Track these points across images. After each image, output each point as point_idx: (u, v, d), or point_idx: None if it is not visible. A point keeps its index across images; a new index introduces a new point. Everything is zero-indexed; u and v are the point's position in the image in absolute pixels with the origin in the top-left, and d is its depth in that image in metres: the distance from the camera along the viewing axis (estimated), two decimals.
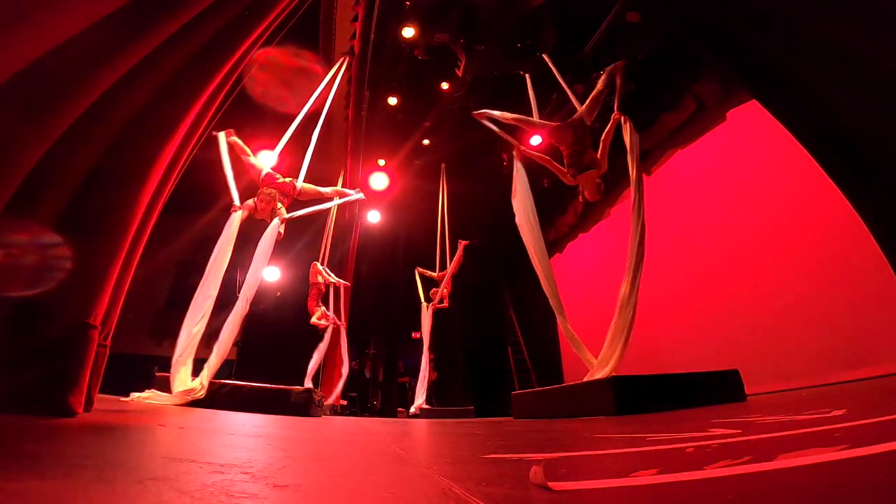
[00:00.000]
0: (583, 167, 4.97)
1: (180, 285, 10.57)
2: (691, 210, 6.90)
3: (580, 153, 5.03)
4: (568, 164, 5.08)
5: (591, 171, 4.95)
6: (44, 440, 1.32)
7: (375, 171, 10.67)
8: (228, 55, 2.66)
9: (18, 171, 1.66)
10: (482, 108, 6.06)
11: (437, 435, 3.14)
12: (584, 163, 4.98)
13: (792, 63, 2.91)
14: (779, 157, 5.26)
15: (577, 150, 5.05)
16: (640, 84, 7.34)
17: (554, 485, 0.93)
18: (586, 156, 5.01)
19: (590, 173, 4.95)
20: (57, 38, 1.57)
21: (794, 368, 4.73)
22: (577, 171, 5.00)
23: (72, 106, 1.79)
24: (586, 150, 5.06)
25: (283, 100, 7.33)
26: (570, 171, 5.04)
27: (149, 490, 0.83)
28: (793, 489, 0.87)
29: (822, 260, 4.73)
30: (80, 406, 1.90)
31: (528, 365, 10.74)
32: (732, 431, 1.70)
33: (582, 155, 5.02)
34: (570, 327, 4.81)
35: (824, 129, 2.96)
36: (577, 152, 5.04)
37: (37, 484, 0.81)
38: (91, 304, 1.98)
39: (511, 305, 11.69)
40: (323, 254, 8.61)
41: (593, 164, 4.97)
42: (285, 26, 3.68)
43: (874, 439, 1.13)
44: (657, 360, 6.37)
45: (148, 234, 2.46)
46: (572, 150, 5.07)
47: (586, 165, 4.96)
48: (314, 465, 1.44)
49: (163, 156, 2.31)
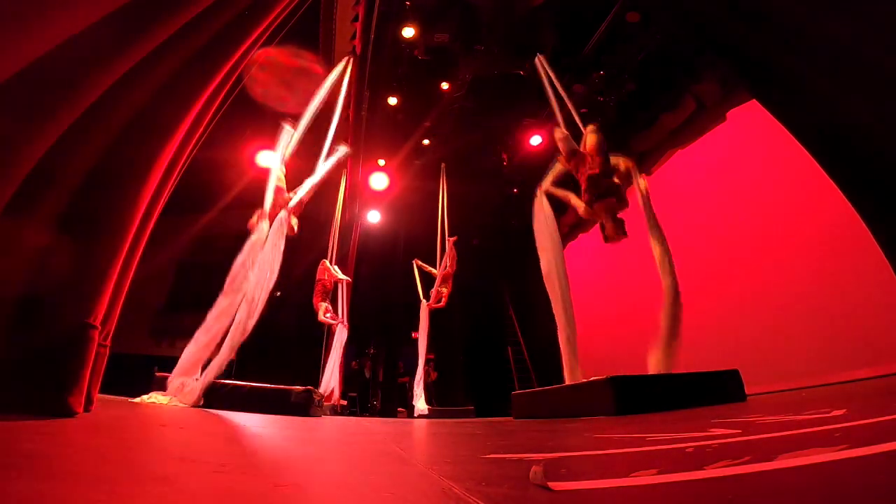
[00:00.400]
0: (601, 193, 4.72)
1: (180, 285, 10.60)
2: (691, 210, 6.90)
3: (599, 178, 4.76)
4: (585, 190, 4.82)
5: (612, 198, 4.70)
6: (44, 440, 1.32)
7: (375, 171, 10.67)
8: (228, 55, 2.65)
9: (18, 171, 1.66)
10: (482, 107, 6.01)
11: (437, 435, 3.14)
12: (602, 188, 4.72)
13: (792, 63, 2.91)
14: (779, 157, 5.26)
15: (596, 174, 4.78)
16: (640, 84, 7.34)
17: (554, 485, 0.93)
18: (605, 181, 4.75)
19: (609, 201, 4.69)
20: (57, 38, 1.57)
21: (794, 368, 4.73)
22: (596, 198, 4.73)
23: (72, 106, 1.79)
24: (607, 175, 4.81)
25: (283, 100, 7.33)
26: (588, 197, 4.78)
27: (149, 490, 0.83)
28: (793, 489, 0.87)
29: (822, 260, 4.74)
30: (80, 406, 1.89)
31: (528, 365, 10.74)
32: (732, 431, 1.70)
33: (601, 179, 4.75)
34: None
35: (824, 128, 2.96)
36: (596, 176, 4.77)
37: (37, 484, 0.81)
38: (91, 304, 1.98)
39: (511, 305, 11.69)
40: (331, 252, 8.58)
41: (613, 191, 4.73)
42: (285, 26, 3.67)
43: (874, 439, 1.13)
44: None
45: (148, 234, 2.46)
46: (591, 173, 4.81)
47: (605, 191, 4.71)
48: (314, 465, 1.44)
49: (163, 156, 2.31)
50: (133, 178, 2.19)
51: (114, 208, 2.12)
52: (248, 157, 9.05)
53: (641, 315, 7.52)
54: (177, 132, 2.37)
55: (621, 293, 8.30)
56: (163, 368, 5.44)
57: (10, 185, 1.64)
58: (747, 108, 5.78)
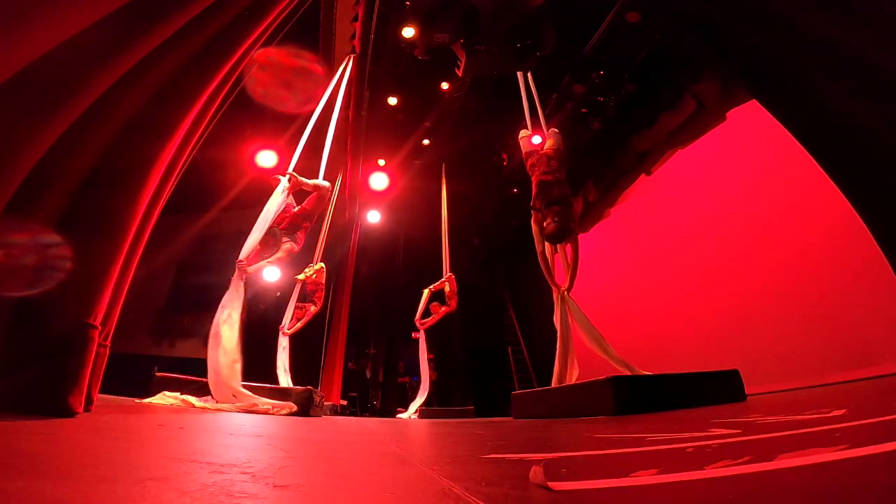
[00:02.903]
0: (549, 202, 4.65)
1: (180, 285, 10.60)
2: (691, 210, 6.91)
3: (550, 185, 4.68)
4: (535, 195, 4.75)
5: (556, 207, 4.58)
6: (44, 440, 1.32)
7: (375, 171, 10.67)
8: (228, 55, 2.65)
9: (18, 171, 1.66)
10: (482, 107, 6.02)
11: (437, 435, 3.14)
12: (551, 196, 4.65)
13: (792, 62, 2.91)
14: (779, 157, 5.25)
15: (548, 181, 4.70)
16: (640, 84, 7.34)
17: (554, 485, 0.93)
18: (556, 190, 4.67)
19: (554, 208, 4.59)
20: (57, 38, 1.57)
21: (794, 368, 4.73)
22: (543, 205, 4.65)
23: (72, 106, 1.79)
24: (560, 184, 4.70)
25: (283, 100, 7.34)
26: (535, 202, 4.71)
27: (149, 490, 0.83)
28: (793, 489, 0.87)
29: (822, 260, 4.73)
30: (80, 406, 1.89)
31: (528, 365, 10.75)
32: (732, 431, 1.70)
33: (552, 187, 4.67)
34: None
35: (824, 128, 2.96)
36: (548, 183, 4.70)
37: (37, 484, 0.81)
38: (91, 304, 1.98)
39: (511, 305, 11.69)
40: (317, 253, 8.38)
41: (560, 201, 4.62)
42: (285, 26, 3.68)
43: (874, 439, 1.13)
44: (657, 360, 6.36)
45: (148, 234, 2.46)
46: (543, 179, 4.73)
47: (552, 200, 4.63)
48: (314, 465, 1.44)
49: (163, 156, 2.31)
50: (133, 178, 2.19)
51: (114, 208, 2.12)
52: (248, 157, 9.05)
53: (641, 315, 7.53)
54: (177, 132, 2.37)
55: (620, 294, 8.30)
56: (163, 368, 5.45)
57: (10, 185, 1.64)
58: (747, 108, 5.78)
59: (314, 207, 5.48)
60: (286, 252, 5.08)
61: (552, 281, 4.86)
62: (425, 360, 8.33)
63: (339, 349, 9.14)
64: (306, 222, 5.38)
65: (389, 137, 10.02)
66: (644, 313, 7.48)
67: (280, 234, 5.09)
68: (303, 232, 5.32)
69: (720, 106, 6.40)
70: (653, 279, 7.46)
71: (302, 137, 5.76)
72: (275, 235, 5.05)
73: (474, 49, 7.49)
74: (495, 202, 11.67)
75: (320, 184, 5.53)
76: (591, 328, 4.55)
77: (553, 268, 4.97)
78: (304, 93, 7.15)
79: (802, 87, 2.92)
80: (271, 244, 5.02)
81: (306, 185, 5.33)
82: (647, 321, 7.27)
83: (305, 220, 5.37)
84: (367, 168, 10.59)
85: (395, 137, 10.04)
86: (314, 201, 5.47)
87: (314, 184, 5.44)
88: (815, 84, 2.83)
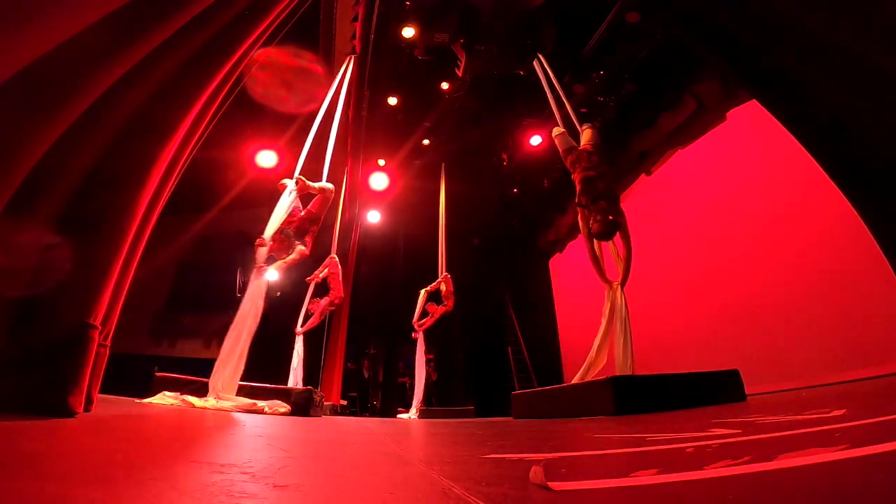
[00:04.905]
0: (595, 196, 4.58)
1: (180, 285, 10.60)
2: (691, 210, 6.91)
3: (594, 180, 4.61)
4: (580, 192, 4.70)
5: (602, 202, 4.53)
6: (44, 440, 1.32)
7: (375, 171, 10.67)
8: (228, 55, 2.65)
9: (18, 171, 1.66)
10: (482, 107, 5.98)
11: (437, 435, 3.14)
12: (597, 191, 4.59)
13: (792, 63, 2.92)
14: (779, 157, 5.26)
15: (591, 176, 4.64)
16: (640, 84, 7.34)
17: (554, 485, 0.93)
18: (600, 184, 4.60)
19: (600, 204, 4.53)
20: (57, 38, 1.57)
21: (794, 368, 4.73)
22: (590, 202, 4.58)
23: (72, 106, 1.79)
24: (602, 177, 4.64)
25: (282, 100, 7.34)
26: (581, 199, 4.64)
27: (149, 490, 0.83)
28: (793, 489, 0.87)
29: (821, 260, 4.73)
30: (80, 406, 1.89)
31: (528, 365, 10.74)
32: (732, 431, 1.70)
33: (596, 182, 4.60)
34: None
35: (824, 128, 2.96)
36: (591, 178, 4.63)
37: (37, 484, 0.81)
38: (91, 304, 1.98)
39: (511, 305, 11.69)
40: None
41: (605, 196, 4.56)
42: (285, 26, 3.68)
43: (874, 439, 1.13)
44: (657, 360, 6.36)
45: (148, 235, 2.46)
46: (586, 175, 4.67)
47: (598, 195, 4.57)
48: (314, 465, 1.44)
49: (163, 156, 2.31)
50: (133, 178, 2.18)
51: (114, 208, 2.12)
52: (248, 158, 9.05)
53: (641, 315, 7.52)
54: (177, 132, 2.37)
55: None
56: (163, 368, 5.44)
57: (10, 185, 1.64)
58: (747, 108, 5.78)
59: (319, 210, 5.49)
60: (299, 254, 5.10)
61: (604, 278, 4.75)
62: (422, 361, 8.34)
63: (339, 349, 9.13)
64: (313, 226, 5.40)
65: (389, 137, 10.02)
66: (644, 313, 7.47)
67: (292, 236, 5.14)
68: (310, 237, 5.34)
69: (720, 106, 6.40)
70: (652, 279, 7.45)
71: (307, 140, 5.77)
72: (289, 237, 5.10)
73: (474, 49, 7.50)
74: (495, 202, 11.67)
75: (325, 186, 5.54)
76: (628, 329, 4.49)
77: (603, 263, 4.84)
78: (304, 93, 7.15)
79: (802, 87, 2.92)
80: (286, 245, 5.05)
81: (312, 189, 5.35)
82: (647, 321, 7.27)
83: (312, 223, 5.38)
84: (367, 168, 10.60)
85: (395, 137, 10.04)
86: (319, 204, 5.48)
87: (320, 186, 5.45)
88: (815, 84, 2.83)
